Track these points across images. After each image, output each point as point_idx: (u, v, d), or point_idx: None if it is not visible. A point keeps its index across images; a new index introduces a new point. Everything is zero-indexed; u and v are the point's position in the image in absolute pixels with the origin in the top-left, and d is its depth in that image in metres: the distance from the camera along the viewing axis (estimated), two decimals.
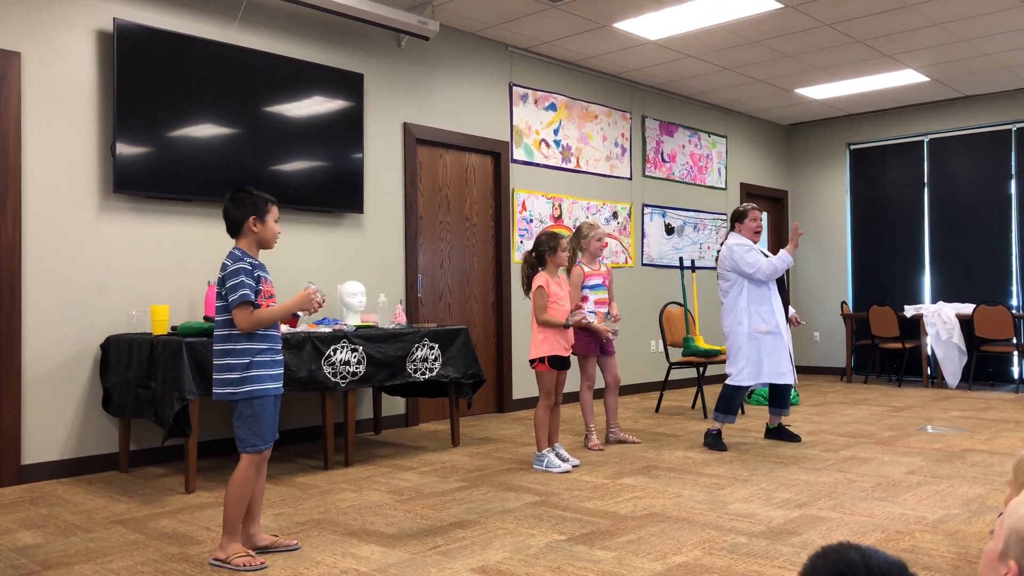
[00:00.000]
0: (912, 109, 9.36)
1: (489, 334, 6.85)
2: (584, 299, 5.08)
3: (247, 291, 2.94)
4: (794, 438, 5.37)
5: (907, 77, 8.09)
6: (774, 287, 5.27)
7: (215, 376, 3.02)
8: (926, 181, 9.30)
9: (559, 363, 4.58)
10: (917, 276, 9.36)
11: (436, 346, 5.05)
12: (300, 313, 3.16)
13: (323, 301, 3.13)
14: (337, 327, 4.75)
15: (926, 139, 9.31)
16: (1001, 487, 4.02)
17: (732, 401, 5.19)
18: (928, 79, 8.18)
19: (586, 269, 5.15)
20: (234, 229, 3.08)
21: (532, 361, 4.59)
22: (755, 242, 5.28)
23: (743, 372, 5.17)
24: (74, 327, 4.57)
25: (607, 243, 5.28)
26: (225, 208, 3.08)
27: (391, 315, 5.42)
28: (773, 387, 5.35)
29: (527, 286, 4.65)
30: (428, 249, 6.44)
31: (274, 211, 3.12)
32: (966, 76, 8.13)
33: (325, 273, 5.61)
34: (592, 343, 5.13)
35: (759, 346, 5.17)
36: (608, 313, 5.14)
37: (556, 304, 4.55)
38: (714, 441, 5.16)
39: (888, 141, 9.60)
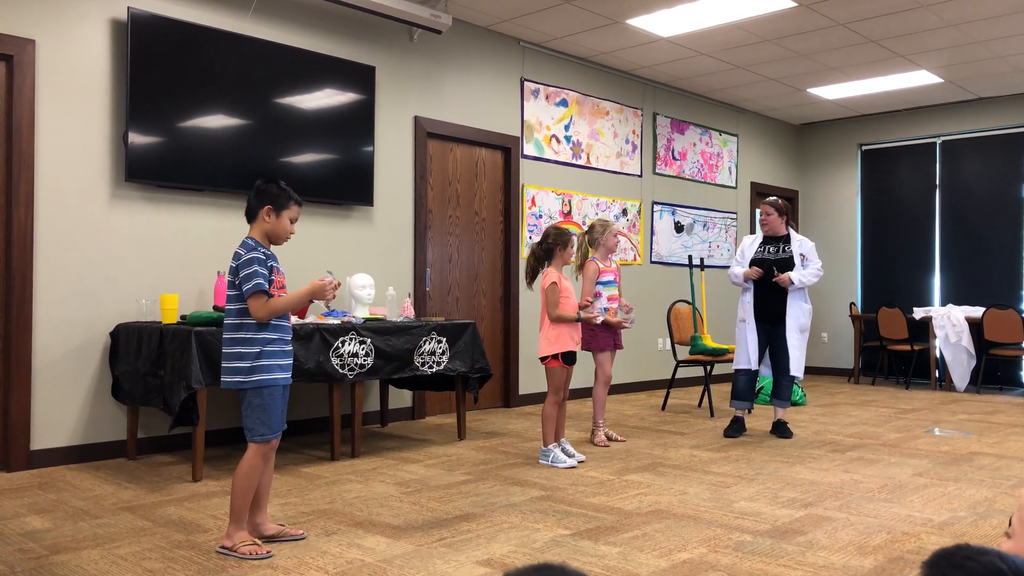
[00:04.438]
0: (925, 110, 9.32)
1: (497, 329, 6.86)
2: (597, 295, 5.09)
3: (261, 280, 2.95)
4: (785, 434, 5.50)
5: (920, 78, 8.05)
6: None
7: (224, 364, 3.03)
8: (938, 183, 9.26)
9: (570, 358, 4.59)
10: (927, 278, 9.33)
11: (444, 340, 5.06)
12: (321, 303, 3.19)
13: (337, 285, 3.15)
14: (345, 319, 4.76)
15: (938, 141, 9.26)
16: (1009, 491, 4.00)
17: (734, 386, 5.66)
18: (942, 80, 8.14)
19: (600, 266, 5.16)
20: (250, 215, 3.10)
21: (544, 357, 4.59)
22: (763, 233, 5.64)
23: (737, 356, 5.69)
24: (84, 315, 4.60)
25: (619, 240, 5.31)
26: (249, 195, 3.11)
27: (399, 308, 5.43)
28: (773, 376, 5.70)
29: (531, 278, 4.65)
30: (437, 243, 6.44)
31: (293, 210, 3.12)
32: (980, 78, 8.08)
33: (334, 265, 5.62)
34: (609, 338, 5.16)
35: (739, 334, 5.65)
36: (619, 307, 5.16)
37: (566, 299, 4.55)
38: (727, 428, 5.57)
39: (900, 142, 9.56)
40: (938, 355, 8.58)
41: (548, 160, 7.21)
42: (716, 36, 6.83)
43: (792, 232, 5.60)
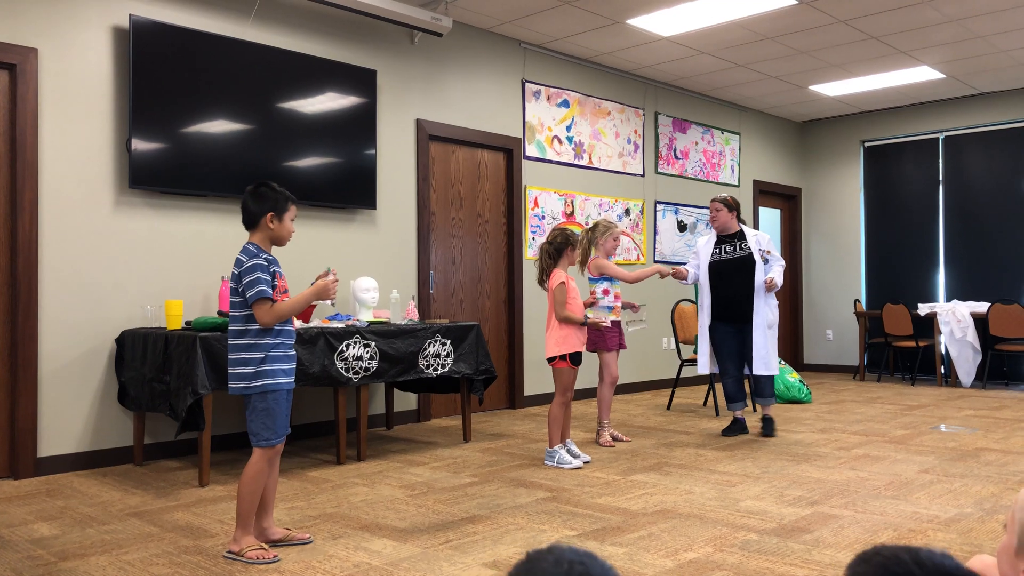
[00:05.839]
0: (927, 106, 9.30)
1: (501, 330, 6.86)
2: (605, 292, 5.11)
3: (264, 287, 2.96)
4: (767, 431, 5.47)
5: (923, 74, 8.04)
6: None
7: (231, 370, 3.04)
8: (941, 179, 9.24)
9: (578, 359, 4.60)
10: (931, 274, 9.31)
11: (448, 342, 5.07)
12: (326, 303, 3.20)
13: (337, 278, 3.18)
14: (350, 323, 4.77)
15: (941, 136, 9.25)
16: (1015, 486, 4.00)
17: (723, 390, 5.65)
18: (944, 76, 8.13)
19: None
20: (250, 222, 3.10)
21: (552, 358, 4.59)
22: (715, 232, 5.63)
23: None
24: (90, 321, 4.61)
25: (618, 241, 5.32)
26: (245, 201, 3.09)
27: (403, 311, 5.44)
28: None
29: (544, 277, 4.65)
30: (440, 245, 6.45)
31: (292, 210, 3.14)
32: (982, 73, 8.07)
33: (338, 269, 5.63)
34: (615, 338, 5.18)
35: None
36: (624, 307, 5.21)
37: (572, 301, 4.57)
38: (724, 428, 5.59)
39: (903, 138, 9.54)
40: (943, 351, 8.56)
41: (550, 161, 7.21)
42: (717, 35, 6.83)
43: (744, 227, 5.58)
